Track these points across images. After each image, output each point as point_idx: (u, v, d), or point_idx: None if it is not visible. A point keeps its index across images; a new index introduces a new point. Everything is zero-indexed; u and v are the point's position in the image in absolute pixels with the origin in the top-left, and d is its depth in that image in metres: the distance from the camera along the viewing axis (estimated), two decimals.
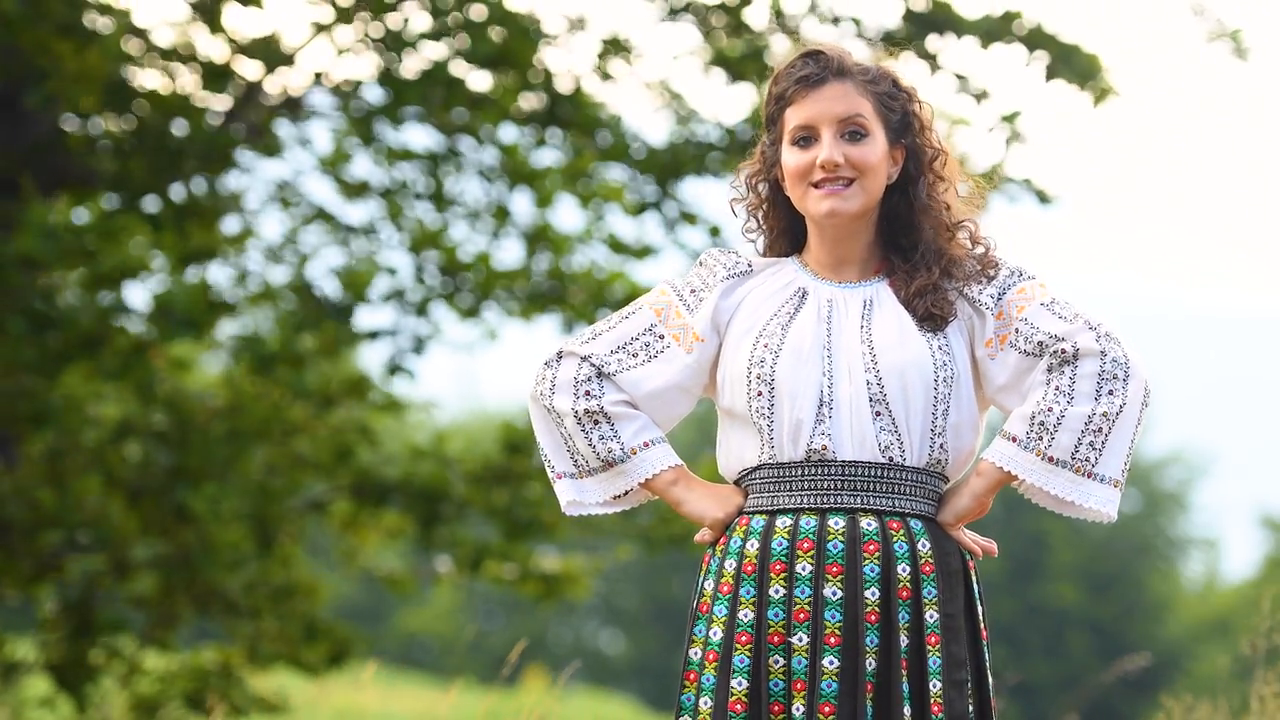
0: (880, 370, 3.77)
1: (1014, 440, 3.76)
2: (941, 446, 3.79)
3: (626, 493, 3.90)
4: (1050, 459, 3.74)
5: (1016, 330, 3.79)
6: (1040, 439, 3.73)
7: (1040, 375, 3.76)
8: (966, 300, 3.83)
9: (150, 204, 9.37)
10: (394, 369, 9.82)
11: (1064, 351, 3.74)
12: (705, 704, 3.77)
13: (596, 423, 3.86)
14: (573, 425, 3.87)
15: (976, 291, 3.82)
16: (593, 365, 3.88)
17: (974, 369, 3.84)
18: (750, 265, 3.92)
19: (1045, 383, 3.75)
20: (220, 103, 9.40)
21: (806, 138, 3.82)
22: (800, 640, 3.73)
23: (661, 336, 3.89)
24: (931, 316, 3.80)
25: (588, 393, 3.86)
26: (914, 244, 3.85)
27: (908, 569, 3.75)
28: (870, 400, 3.77)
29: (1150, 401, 3.76)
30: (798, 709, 3.72)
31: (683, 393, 3.89)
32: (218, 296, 9.30)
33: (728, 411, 3.86)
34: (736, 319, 3.88)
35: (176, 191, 9.32)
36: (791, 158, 3.83)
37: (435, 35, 9.07)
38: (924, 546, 3.77)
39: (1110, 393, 3.72)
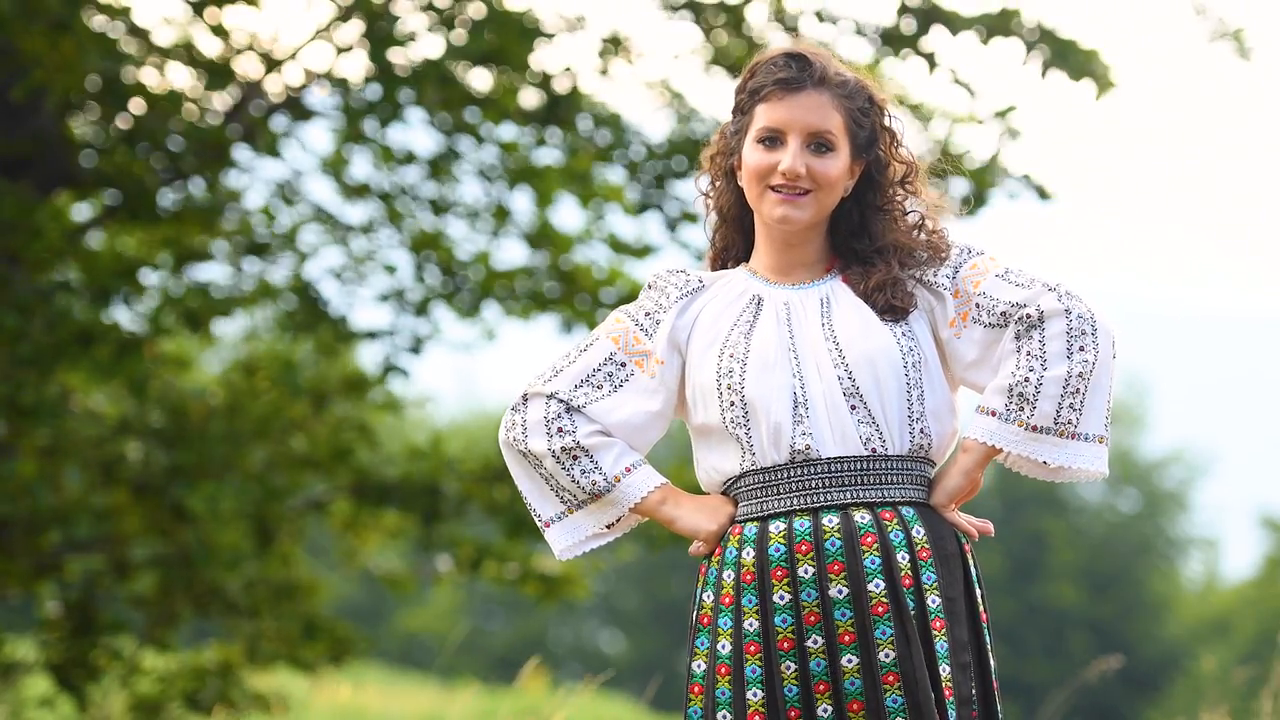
0: (849, 363, 3.77)
1: (994, 414, 3.76)
2: (922, 431, 3.79)
3: (618, 520, 3.88)
4: (1034, 428, 3.74)
5: (977, 305, 3.79)
6: (1022, 410, 3.74)
7: (1009, 344, 3.76)
8: (924, 286, 3.83)
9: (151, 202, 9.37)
10: (389, 369, 9.82)
11: (1029, 316, 3.75)
12: (724, 717, 3.75)
13: (575, 458, 3.84)
14: (552, 465, 3.85)
15: (931, 275, 3.83)
16: (560, 401, 3.86)
17: (940, 352, 3.84)
18: (701, 281, 3.92)
19: (1016, 350, 3.76)
20: (220, 102, 9.40)
21: (773, 139, 3.81)
22: (815, 643, 3.73)
23: (623, 364, 3.88)
24: (893, 309, 3.80)
25: (560, 429, 3.84)
26: (868, 242, 3.86)
27: (906, 556, 3.75)
28: (844, 394, 3.76)
29: (1119, 352, 3.77)
30: (824, 710, 3.71)
31: (654, 417, 3.87)
32: (219, 293, 9.28)
33: (701, 428, 3.85)
34: (695, 335, 3.87)
35: (176, 190, 9.31)
36: (754, 156, 3.82)
37: (438, 15, 9.06)
38: (919, 533, 3.76)
39: (1081, 348, 3.73)
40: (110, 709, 9.96)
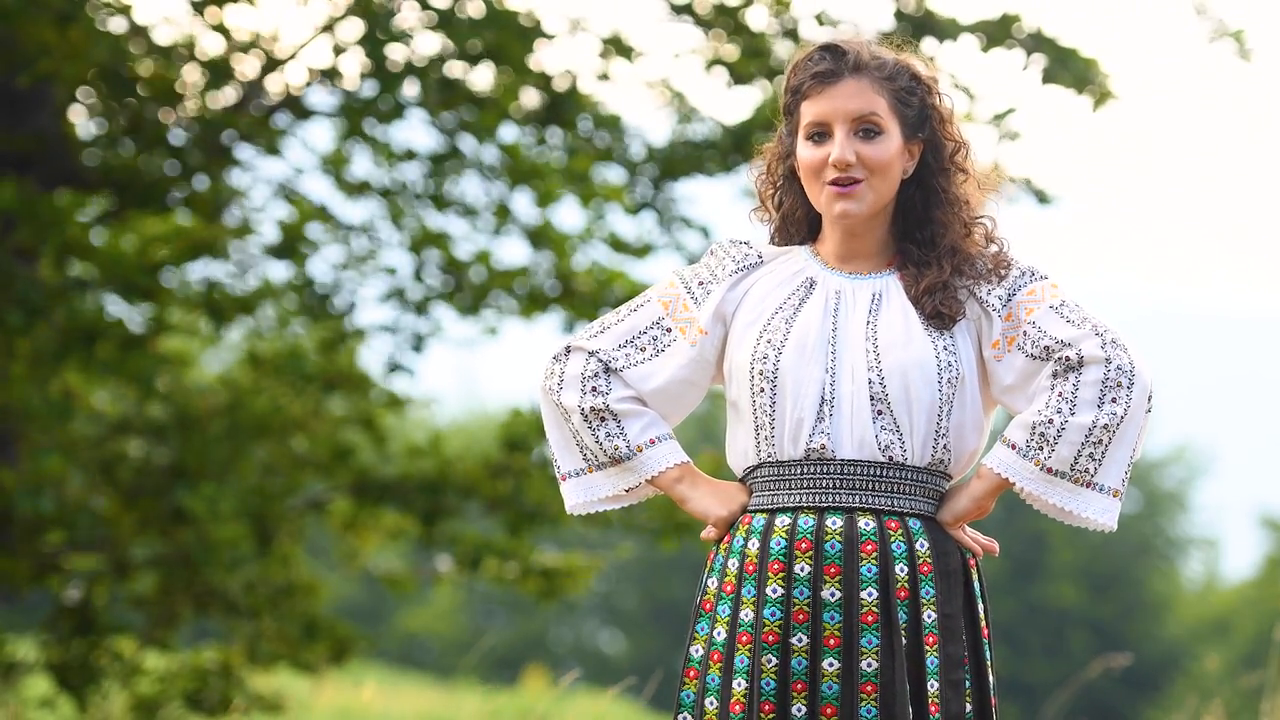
0: (883, 369, 3.75)
1: (1013, 447, 3.75)
2: (945, 447, 3.78)
3: (635, 487, 3.90)
4: (1049, 469, 3.73)
5: (1024, 333, 3.77)
6: (1040, 449, 3.72)
7: (1045, 381, 3.74)
8: (975, 300, 3.81)
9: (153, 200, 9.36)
10: (394, 367, 9.82)
11: (1069, 359, 3.72)
12: (711, 704, 3.77)
13: (603, 420, 3.86)
14: (579, 422, 3.87)
15: (985, 292, 3.80)
16: (600, 361, 3.88)
17: (980, 368, 3.82)
18: (761, 256, 3.91)
19: (1049, 389, 3.73)
20: (221, 100, 9.40)
21: (820, 134, 3.81)
22: (799, 641, 3.72)
23: (669, 330, 3.89)
24: (939, 315, 3.78)
25: (594, 389, 3.86)
26: (929, 237, 3.84)
27: (905, 569, 3.74)
28: (871, 399, 3.75)
29: (1153, 407, 3.74)
30: (798, 709, 3.71)
31: (690, 386, 3.89)
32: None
33: (733, 404, 3.86)
34: (742, 310, 3.87)
35: (180, 189, 9.31)
36: (805, 153, 3.82)
37: (437, 14, 9.06)
38: (922, 546, 3.76)
39: (1113, 400, 3.70)
40: (111, 709, 9.96)
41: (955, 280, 3.81)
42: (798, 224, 3.92)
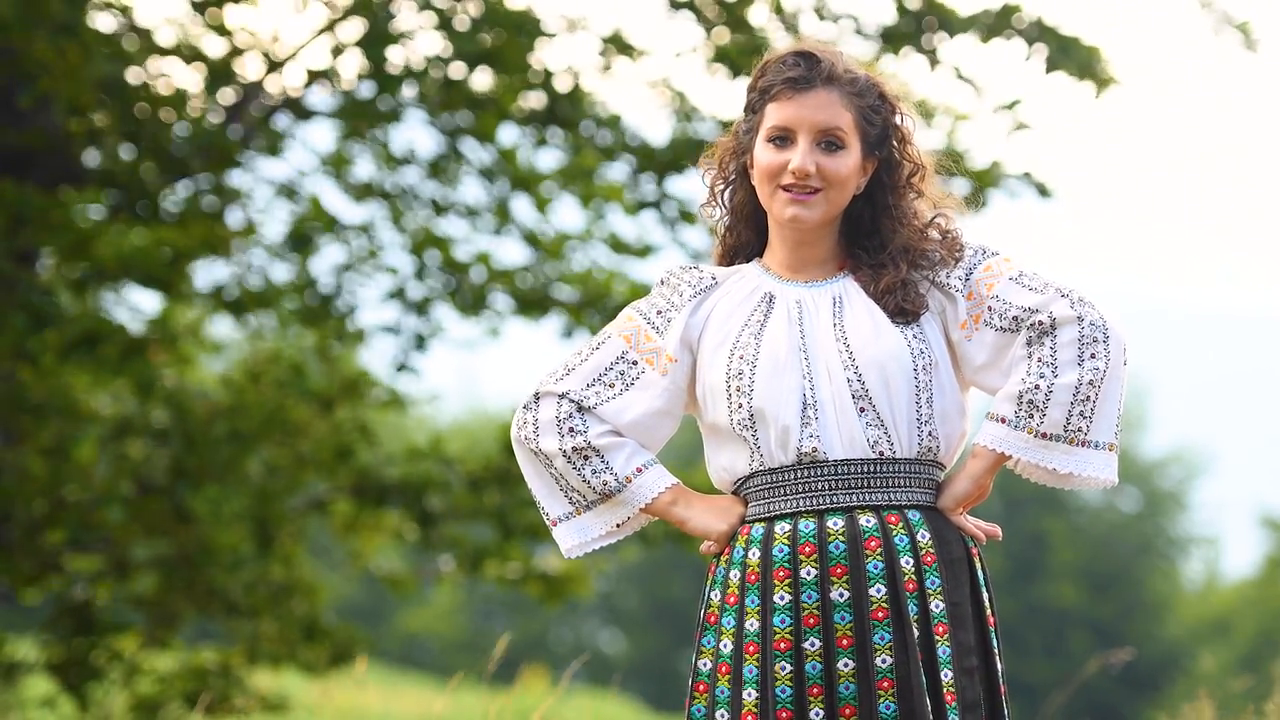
0: (859, 366, 3.76)
1: (1003, 421, 3.75)
2: (930, 434, 3.78)
3: (627, 520, 3.89)
4: (1043, 435, 3.73)
5: (989, 308, 3.78)
6: (1031, 417, 3.73)
7: (1021, 350, 3.75)
8: (936, 287, 3.82)
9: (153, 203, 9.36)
10: (400, 367, 9.81)
11: (1041, 323, 3.74)
12: (722, 716, 3.76)
13: (586, 458, 3.84)
14: (563, 464, 3.85)
15: (944, 276, 3.82)
16: (571, 401, 3.86)
17: (951, 353, 3.83)
18: (714, 278, 3.91)
19: (1027, 356, 3.74)
20: (222, 100, 9.39)
21: (783, 138, 3.81)
22: (813, 645, 3.72)
23: (635, 363, 3.88)
24: (903, 311, 3.80)
25: (571, 429, 3.84)
26: (878, 245, 3.85)
27: (910, 561, 3.74)
28: (853, 397, 3.75)
29: (1129, 359, 3.75)
30: (816, 713, 3.70)
31: (664, 416, 3.87)
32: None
33: (711, 426, 3.85)
34: (707, 333, 3.86)
35: (184, 187, 9.31)
36: (765, 155, 3.82)
37: (437, 15, 9.05)
38: (923, 537, 3.76)
39: (1093, 356, 3.72)
40: (111, 709, 9.95)
41: (913, 275, 3.82)
42: (745, 221, 3.92)
